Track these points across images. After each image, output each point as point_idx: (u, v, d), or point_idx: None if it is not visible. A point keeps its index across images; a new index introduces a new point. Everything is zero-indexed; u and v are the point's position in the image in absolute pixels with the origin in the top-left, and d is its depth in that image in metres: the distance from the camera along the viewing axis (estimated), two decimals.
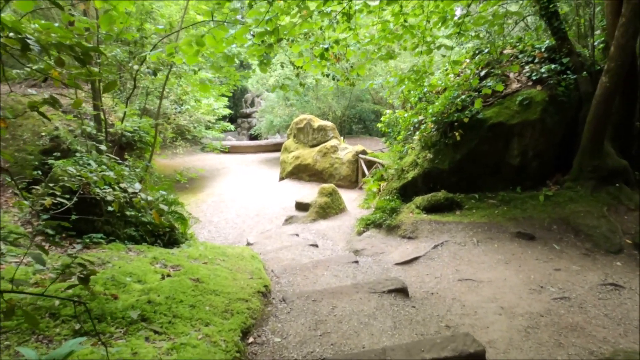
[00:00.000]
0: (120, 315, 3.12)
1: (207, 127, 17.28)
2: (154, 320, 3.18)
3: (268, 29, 3.49)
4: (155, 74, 4.91)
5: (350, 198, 11.45)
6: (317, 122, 15.05)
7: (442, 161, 7.20)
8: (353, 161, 13.39)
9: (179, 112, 14.90)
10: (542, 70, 6.67)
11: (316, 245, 7.29)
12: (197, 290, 3.91)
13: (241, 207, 11.99)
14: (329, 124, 14.99)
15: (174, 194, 6.63)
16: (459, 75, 7.95)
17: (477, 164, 7.06)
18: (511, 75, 7.06)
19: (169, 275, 4.20)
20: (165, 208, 3.34)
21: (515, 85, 6.95)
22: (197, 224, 10.39)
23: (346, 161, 13.49)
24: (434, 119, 7.20)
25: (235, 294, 4.08)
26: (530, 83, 6.85)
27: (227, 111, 18.04)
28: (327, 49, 4.61)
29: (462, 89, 7.20)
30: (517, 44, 7.56)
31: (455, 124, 6.92)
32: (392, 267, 5.68)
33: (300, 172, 14.63)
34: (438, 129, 7.24)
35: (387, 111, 10.84)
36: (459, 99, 6.91)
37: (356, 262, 5.85)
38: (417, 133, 7.71)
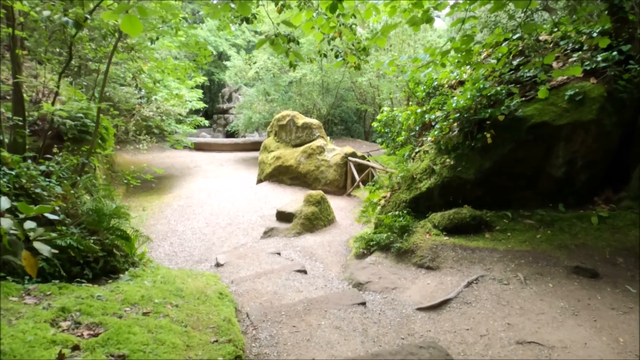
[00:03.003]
0: None
1: (179, 121, 15.40)
2: None
3: None
4: (78, 25, 3.24)
5: (338, 206, 9.89)
6: (302, 120, 13.41)
7: (467, 169, 5.72)
8: (341, 164, 11.81)
9: (146, 102, 13.01)
10: (599, 58, 5.28)
11: (304, 272, 5.69)
12: None
13: (212, 213, 10.22)
14: (314, 121, 13.36)
15: (116, 202, 4.90)
16: (474, 68, 6.52)
17: (510, 174, 5.63)
18: (554, 64, 5.66)
19: (76, 348, 2.52)
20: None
21: (560, 77, 5.55)
22: (158, 233, 8.64)
23: (334, 164, 11.91)
24: (457, 115, 5.72)
25: None
26: (580, 75, 5.46)
27: (201, 104, 16.16)
28: None
29: (494, 79, 5.76)
30: (555, 29, 6.17)
31: (487, 122, 5.45)
32: (413, 315, 4.13)
33: (281, 175, 12.96)
34: (462, 128, 5.77)
35: (385, 108, 9.35)
36: (498, 88, 5.40)
37: (363, 304, 4.29)
38: (432, 133, 6.22)
